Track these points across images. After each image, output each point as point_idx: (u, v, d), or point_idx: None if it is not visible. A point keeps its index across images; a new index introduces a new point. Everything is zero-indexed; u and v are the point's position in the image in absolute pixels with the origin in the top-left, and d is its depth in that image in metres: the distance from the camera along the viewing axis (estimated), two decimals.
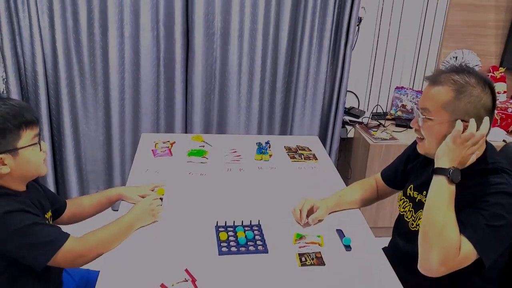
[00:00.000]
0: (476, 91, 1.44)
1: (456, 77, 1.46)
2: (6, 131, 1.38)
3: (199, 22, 2.90)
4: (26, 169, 1.45)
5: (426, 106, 1.50)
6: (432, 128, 1.50)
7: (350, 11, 2.99)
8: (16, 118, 1.39)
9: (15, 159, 1.41)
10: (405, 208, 1.73)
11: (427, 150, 1.57)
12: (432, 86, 1.49)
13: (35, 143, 1.45)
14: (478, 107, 1.44)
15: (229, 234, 1.65)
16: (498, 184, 1.42)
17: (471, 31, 3.27)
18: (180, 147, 2.36)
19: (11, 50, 2.80)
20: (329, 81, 3.21)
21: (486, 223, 1.38)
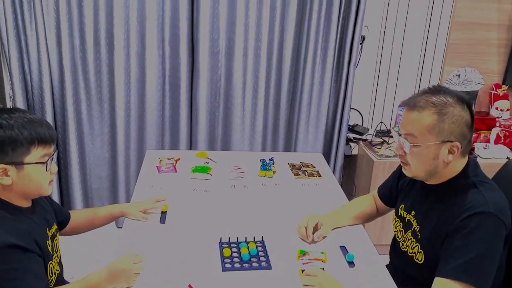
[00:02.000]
0: (457, 110, 1.46)
1: (434, 99, 1.47)
2: (17, 143, 1.35)
3: (204, 40, 2.94)
4: (27, 186, 1.41)
5: (411, 132, 1.49)
6: (420, 153, 1.50)
7: (353, 29, 3.02)
8: (30, 133, 1.37)
9: (19, 173, 1.38)
10: (396, 228, 1.75)
11: (415, 174, 1.57)
12: (413, 111, 1.48)
13: (43, 162, 1.41)
14: (462, 125, 1.46)
15: (232, 250, 1.65)
16: (475, 203, 1.43)
17: (474, 49, 3.30)
18: (185, 163, 2.38)
19: (18, 68, 2.84)
20: (333, 99, 3.23)
21: (472, 256, 1.38)
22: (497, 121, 3.28)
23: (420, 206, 1.63)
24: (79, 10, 2.83)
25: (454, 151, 1.47)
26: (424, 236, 1.57)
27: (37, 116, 1.42)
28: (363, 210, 1.95)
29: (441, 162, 1.49)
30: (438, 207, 1.54)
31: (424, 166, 1.51)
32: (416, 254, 1.59)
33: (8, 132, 1.35)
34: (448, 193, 1.52)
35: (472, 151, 3.10)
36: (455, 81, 3.28)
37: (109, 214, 1.87)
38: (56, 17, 2.83)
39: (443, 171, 1.52)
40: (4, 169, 1.36)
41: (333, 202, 2.06)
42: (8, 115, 1.37)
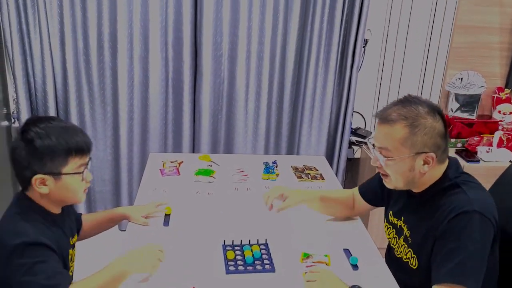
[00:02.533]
0: (428, 121, 1.46)
1: (405, 111, 1.47)
2: (56, 154, 1.39)
3: (207, 44, 2.95)
4: (64, 194, 1.45)
5: (385, 146, 1.50)
6: (395, 166, 1.50)
7: (356, 33, 3.03)
8: (68, 143, 1.40)
9: (56, 183, 1.41)
10: (390, 235, 1.75)
11: (395, 185, 1.57)
12: (385, 124, 1.49)
13: (80, 172, 1.44)
14: (434, 136, 1.46)
15: (236, 253, 1.65)
16: (459, 203, 1.43)
17: (476, 52, 3.30)
18: (188, 166, 2.38)
19: (22, 71, 2.85)
20: (336, 102, 3.23)
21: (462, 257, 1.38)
22: (500, 124, 3.28)
23: (408, 212, 1.64)
24: (82, 13, 2.84)
25: (429, 162, 1.48)
26: (415, 241, 1.57)
27: (72, 125, 1.47)
28: (337, 197, 1.94)
29: (418, 172, 1.50)
30: (425, 213, 1.55)
31: (401, 177, 1.52)
32: (410, 259, 1.59)
33: (46, 142, 1.37)
34: (432, 197, 1.53)
35: (475, 155, 3.10)
36: (457, 85, 3.28)
37: (110, 219, 1.86)
38: (60, 20, 2.84)
39: (422, 180, 1.53)
40: (43, 179, 1.39)
41: None
42: (45, 124, 1.40)
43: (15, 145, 1.41)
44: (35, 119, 1.44)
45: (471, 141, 3.20)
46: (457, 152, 3.16)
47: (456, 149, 3.23)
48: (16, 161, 1.41)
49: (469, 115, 3.31)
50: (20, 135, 1.41)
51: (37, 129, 1.39)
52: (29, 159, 1.38)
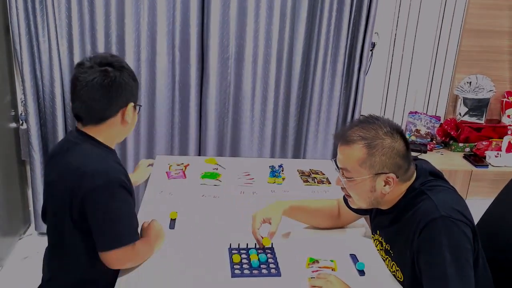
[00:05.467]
0: (386, 142, 1.44)
1: (363, 132, 1.46)
2: (133, 87, 1.53)
3: (214, 47, 2.95)
4: (131, 127, 1.59)
5: (345, 166, 1.50)
6: (356, 186, 1.51)
7: (363, 36, 3.01)
8: (135, 79, 1.55)
9: (133, 114, 1.55)
10: (377, 247, 1.74)
11: (358, 205, 1.58)
12: (344, 145, 1.49)
13: (140, 105, 1.65)
14: (393, 156, 1.45)
15: (242, 257, 1.64)
16: (424, 212, 1.41)
17: (485, 56, 3.28)
18: (194, 169, 2.37)
19: (30, 73, 2.86)
20: (343, 105, 3.22)
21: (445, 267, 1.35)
22: (509, 129, 3.26)
23: (383, 228, 1.64)
24: (90, 16, 2.85)
25: (390, 182, 1.47)
26: (396, 254, 1.57)
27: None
28: (319, 206, 1.89)
29: (379, 193, 1.49)
30: (397, 227, 1.54)
31: (363, 198, 1.53)
32: (396, 272, 1.58)
33: (130, 72, 1.52)
34: (401, 211, 1.52)
35: (484, 159, 3.08)
36: (466, 89, 3.26)
37: None
38: (68, 23, 2.86)
39: (386, 199, 1.53)
40: (133, 106, 1.54)
41: None
42: (113, 57, 1.52)
43: (104, 72, 1.45)
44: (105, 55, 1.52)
45: (479, 146, 3.17)
46: (465, 157, 3.14)
47: (464, 153, 3.20)
48: (108, 88, 1.45)
49: (478, 120, 3.29)
50: (101, 65, 1.46)
51: (117, 59, 1.51)
52: (126, 85, 1.48)
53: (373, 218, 1.72)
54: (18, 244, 3.13)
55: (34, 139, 2.97)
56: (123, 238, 1.46)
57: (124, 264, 1.51)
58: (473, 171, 2.99)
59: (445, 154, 3.23)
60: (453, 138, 3.28)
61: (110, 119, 1.50)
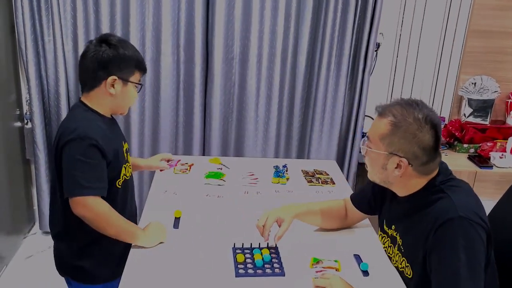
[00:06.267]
0: (412, 127, 1.43)
1: (397, 111, 1.46)
2: (129, 64, 1.65)
3: (218, 47, 2.95)
4: (121, 101, 1.69)
5: (369, 136, 1.54)
6: (370, 158, 1.54)
7: (368, 37, 3.01)
8: (139, 59, 1.69)
9: (122, 88, 1.66)
10: (385, 244, 1.73)
11: (371, 177, 1.60)
12: (378, 117, 1.51)
13: (141, 84, 1.72)
14: (413, 143, 1.44)
15: (246, 256, 1.64)
16: (443, 211, 1.41)
17: (490, 57, 3.27)
18: (198, 169, 2.38)
19: (35, 73, 2.88)
20: (347, 106, 3.22)
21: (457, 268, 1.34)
22: None
23: (398, 219, 1.63)
24: (95, 15, 2.86)
25: (401, 166, 1.47)
26: (407, 250, 1.56)
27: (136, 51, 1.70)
28: (328, 208, 1.87)
29: (390, 173, 1.50)
30: (412, 220, 1.53)
31: (375, 172, 1.55)
32: (405, 268, 1.57)
33: (127, 51, 1.64)
34: (418, 205, 1.51)
35: (488, 160, 3.07)
36: (471, 89, 3.25)
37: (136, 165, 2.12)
38: (73, 23, 2.87)
39: (400, 183, 1.53)
40: (115, 80, 1.63)
41: None
42: (120, 38, 1.69)
43: (98, 47, 1.62)
44: (109, 34, 1.69)
45: (484, 147, 3.16)
46: (469, 158, 3.14)
47: (469, 154, 3.20)
48: (96, 60, 1.61)
49: (482, 120, 3.28)
50: (99, 42, 1.64)
51: (118, 39, 1.66)
52: (111, 60, 1.61)
53: (388, 210, 1.69)
54: (22, 243, 3.15)
55: (39, 138, 2.98)
56: (87, 188, 1.56)
57: (90, 213, 1.59)
58: (477, 172, 2.98)
59: (449, 155, 3.22)
60: (457, 139, 3.27)
61: (96, 89, 1.66)
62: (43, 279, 2.64)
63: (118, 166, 1.72)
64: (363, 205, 1.83)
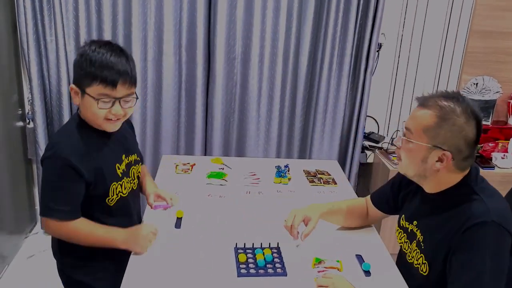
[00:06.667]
0: (459, 121, 1.41)
1: (443, 103, 1.43)
2: (87, 74, 1.50)
3: (220, 47, 2.96)
4: (86, 113, 1.57)
5: (409, 127, 1.48)
6: (410, 150, 1.48)
7: (370, 37, 3.01)
8: (97, 72, 1.49)
9: (81, 99, 1.54)
10: (401, 240, 1.70)
11: (405, 171, 1.54)
12: (419, 108, 1.47)
13: (94, 98, 1.51)
14: (459, 137, 1.41)
15: (248, 256, 1.64)
16: (475, 213, 1.39)
17: (492, 57, 3.27)
18: (200, 169, 2.38)
19: (37, 72, 2.88)
20: (349, 106, 3.22)
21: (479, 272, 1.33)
22: None
23: (422, 215, 1.59)
24: (97, 15, 2.86)
25: (443, 160, 1.43)
26: (428, 247, 1.53)
27: (117, 58, 1.52)
28: (352, 207, 1.89)
29: (430, 167, 1.46)
30: (439, 218, 1.50)
31: (412, 165, 1.49)
32: (421, 265, 1.55)
33: (87, 61, 1.51)
34: (448, 202, 1.48)
35: (490, 161, 3.07)
36: (472, 90, 3.25)
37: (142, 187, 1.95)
38: (75, 23, 2.87)
39: (435, 178, 1.49)
40: (72, 88, 1.55)
41: None
42: (102, 48, 1.53)
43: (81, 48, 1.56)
44: (103, 42, 1.57)
45: (485, 147, 3.16)
46: None
47: None
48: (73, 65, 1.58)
49: (484, 121, 3.28)
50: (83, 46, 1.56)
51: (93, 47, 1.52)
52: (74, 65, 1.56)
53: (411, 206, 1.67)
54: (24, 242, 3.15)
55: (41, 138, 2.98)
56: (52, 211, 1.55)
57: (54, 234, 1.63)
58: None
59: None
60: None
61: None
62: (45, 279, 2.64)
63: (104, 185, 1.62)
64: (382, 205, 1.84)
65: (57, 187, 1.54)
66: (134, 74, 1.59)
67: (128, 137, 1.81)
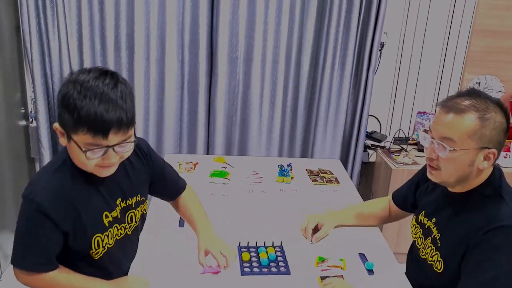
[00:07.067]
0: (498, 117, 1.39)
1: (475, 102, 1.39)
2: (67, 115, 1.20)
3: (223, 46, 2.96)
4: (74, 158, 1.29)
5: (450, 136, 1.39)
6: (457, 158, 1.40)
7: (372, 36, 3.01)
8: (81, 116, 1.18)
9: (68, 142, 1.26)
10: (416, 235, 1.69)
11: (444, 180, 1.48)
12: (452, 114, 1.39)
13: (81, 149, 1.22)
14: (501, 132, 1.40)
15: (251, 255, 1.65)
16: (500, 216, 1.38)
17: (494, 57, 3.26)
18: (203, 168, 2.38)
19: (40, 71, 2.88)
20: (351, 105, 3.22)
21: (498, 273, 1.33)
22: None
23: (442, 213, 1.57)
24: (100, 15, 2.87)
25: (490, 158, 1.40)
26: (445, 245, 1.51)
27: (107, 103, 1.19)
28: (373, 211, 1.93)
29: (475, 169, 1.42)
30: (461, 216, 1.49)
31: (457, 172, 1.43)
32: (436, 262, 1.54)
33: (67, 104, 1.19)
34: (473, 202, 1.46)
35: None
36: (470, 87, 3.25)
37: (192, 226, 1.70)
38: (78, 22, 2.87)
39: (475, 179, 1.46)
40: (57, 128, 1.27)
41: None
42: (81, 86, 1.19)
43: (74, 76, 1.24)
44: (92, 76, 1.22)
45: None
46: None
47: None
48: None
49: None
50: (83, 72, 1.24)
51: (78, 87, 1.19)
52: (57, 105, 1.24)
53: (432, 203, 1.64)
54: None
55: (44, 137, 2.99)
56: (22, 261, 1.35)
57: (25, 283, 1.40)
58: None
59: None
60: None
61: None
62: None
63: (84, 238, 1.37)
64: (401, 202, 1.86)
65: (28, 234, 1.31)
66: (131, 115, 1.25)
67: (131, 175, 1.47)
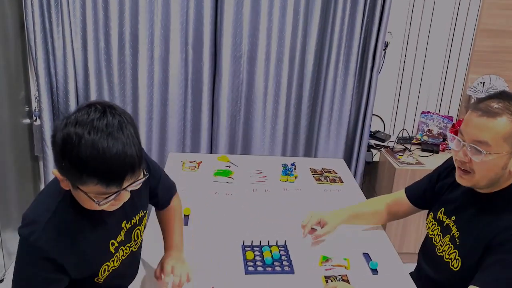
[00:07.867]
0: None
1: (507, 105, 1.35)
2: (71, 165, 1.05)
3: (226, 45, 2.96)
4: (81, 202, 1.18)
5: (485, 140, 1.36)
6: (491, 162, 1.38)
7: (376, 35, 3.01)
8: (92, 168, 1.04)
9: (73, 188, 1.13)
10: (433, 232, 1.66)
11: (476, 183, 1.45)
12: (486, 117, 1.36)
13: (93, 199, 1.11)
14: None
15: (255, 254, 1.65)
16: None
17: (499, 56, 3.25)
18: (207, 167, 2.38)
19: (44, 70, 2.89)
20: (355, 105, 3.21)
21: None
22: None
23: (463, 212, 1.55)
24: (104, 13, 2.87)
25: None
26: (465, 243, 1.49)
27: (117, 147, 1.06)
28: (377, 210, 1.90)
29: (507, 171, 1.41)
30: (485, 216, 1.47)
31: (490, 175, 1.41)
32: (453, 260, 1.51)
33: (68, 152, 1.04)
34: (499, 203, 1.45)
35: None
36: (479, 89, 3.24)
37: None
38: (82, 20, 2.88)
39: (503, 181, 1.44)
40: (57, 175, 1.14)
41: None
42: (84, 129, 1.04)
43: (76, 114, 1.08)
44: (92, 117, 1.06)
45: None
46: None
47: None
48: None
49: None
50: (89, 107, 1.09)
51: (79, 130, 1.04)
52: (55, 151, 1.08)
53: (454, 200, 1.62)
54: None
55: (48, 135, 2.99)
56: None
57: None
58: None
59: None
60: None
61: None
62: None
63: (92, 269, 1.30)
64: (417, 199, 1.82)
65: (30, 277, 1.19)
66: (140, 153, 1.14)
67: (133, 194, 1.24)
